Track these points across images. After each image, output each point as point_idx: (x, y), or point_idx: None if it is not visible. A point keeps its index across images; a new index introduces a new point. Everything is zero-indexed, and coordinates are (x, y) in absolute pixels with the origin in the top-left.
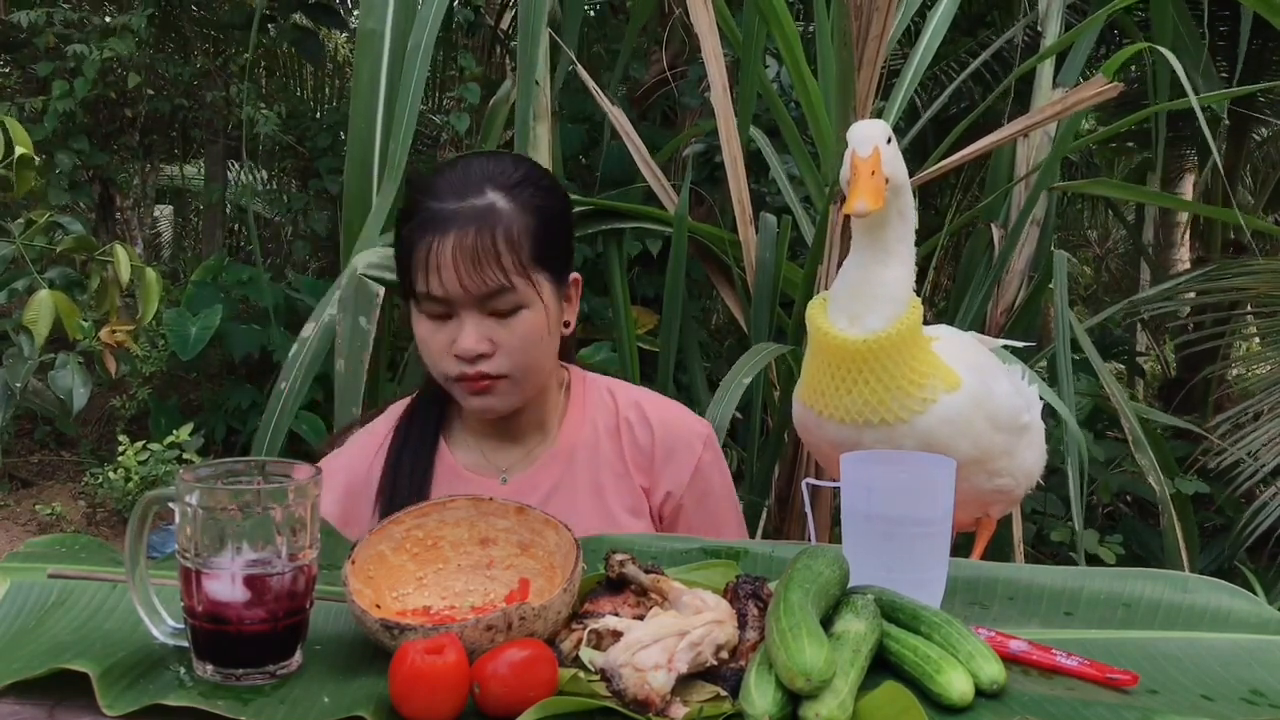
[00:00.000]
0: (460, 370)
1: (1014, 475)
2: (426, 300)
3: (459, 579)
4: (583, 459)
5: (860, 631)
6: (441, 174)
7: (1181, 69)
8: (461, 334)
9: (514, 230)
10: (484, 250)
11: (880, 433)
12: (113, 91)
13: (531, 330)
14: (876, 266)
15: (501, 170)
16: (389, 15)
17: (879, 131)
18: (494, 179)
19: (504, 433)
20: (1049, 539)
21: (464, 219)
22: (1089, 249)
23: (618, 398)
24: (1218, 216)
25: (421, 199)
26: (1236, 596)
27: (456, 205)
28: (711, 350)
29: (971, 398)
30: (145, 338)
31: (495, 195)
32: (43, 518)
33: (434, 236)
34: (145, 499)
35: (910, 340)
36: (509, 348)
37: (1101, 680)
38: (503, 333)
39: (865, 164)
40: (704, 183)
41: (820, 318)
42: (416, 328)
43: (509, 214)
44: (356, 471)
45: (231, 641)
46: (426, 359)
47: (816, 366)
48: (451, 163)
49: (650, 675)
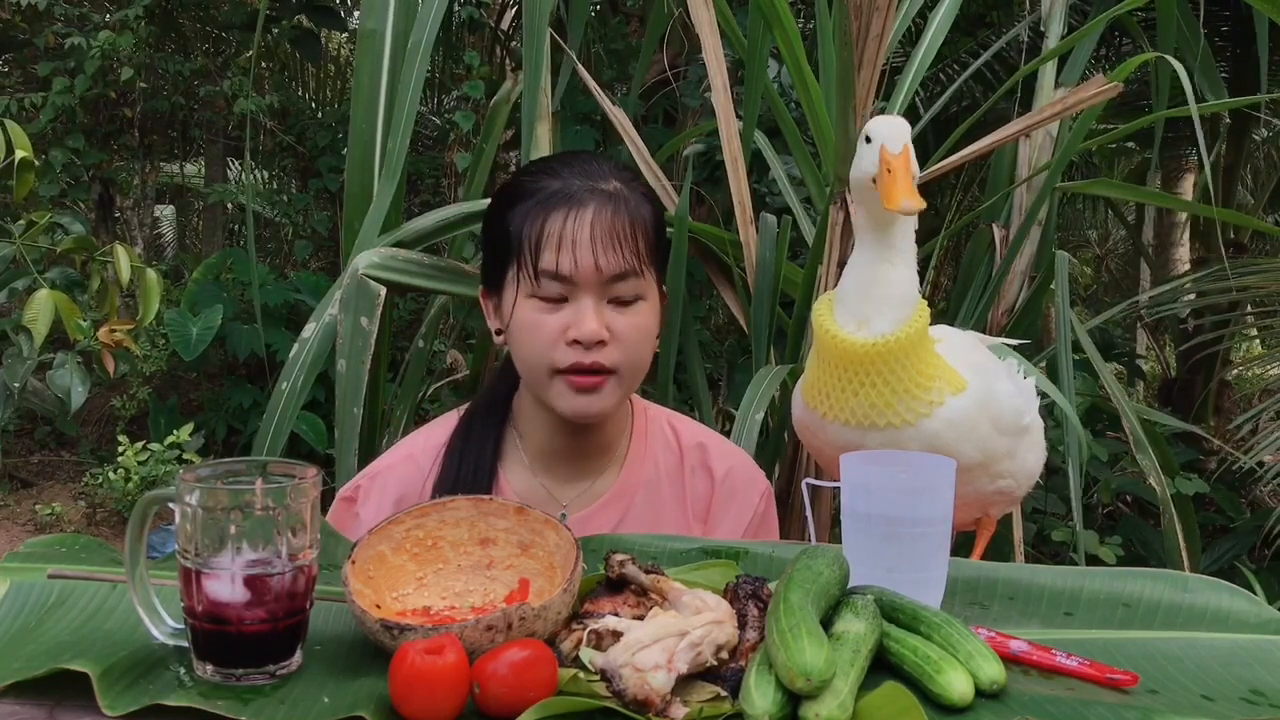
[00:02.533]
0: (573, 360)
1: (1015, 476)
2: (549, 279)
3: (459, 579)
4: (642, 501)
5: (860, 631)
6: (553, 159)
7: (1186, 75)
8: (583, 317)
9: (642, 218)
10: (622, 230)
11: (885, 435)
12: (112, 91)
13: (646, 324)
14: (884, 266)
15: (615, 165)
16: (389, 15)
17: (907, 128)
18: (615, 169)
19: (568, 459)
20: (1049, 539)
21: (601, 197)
22: (1089, 249)
23: (681, 436)
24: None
25: (539, 178)
26: (1236, 596)
27: (589, 184)
28: (712, 350)
29: (976, 401)
30: (146, 337)
31: (619, 184)
32: (42, 518)
33: (569, 210)
34: (145, 499)
35: (917, 343)
36: (625, 340)
37: (1102, 680)
38: (621, 322)
39: (900, 160)
40: (704, 183)
41: (827, 319)
42: (523, 315)
43: (636, 202)
44: (412, 481)
45: (231, 642)
46: (528, 351)
47: (821, 368)
48: (551, 156)
49: (650, 675)
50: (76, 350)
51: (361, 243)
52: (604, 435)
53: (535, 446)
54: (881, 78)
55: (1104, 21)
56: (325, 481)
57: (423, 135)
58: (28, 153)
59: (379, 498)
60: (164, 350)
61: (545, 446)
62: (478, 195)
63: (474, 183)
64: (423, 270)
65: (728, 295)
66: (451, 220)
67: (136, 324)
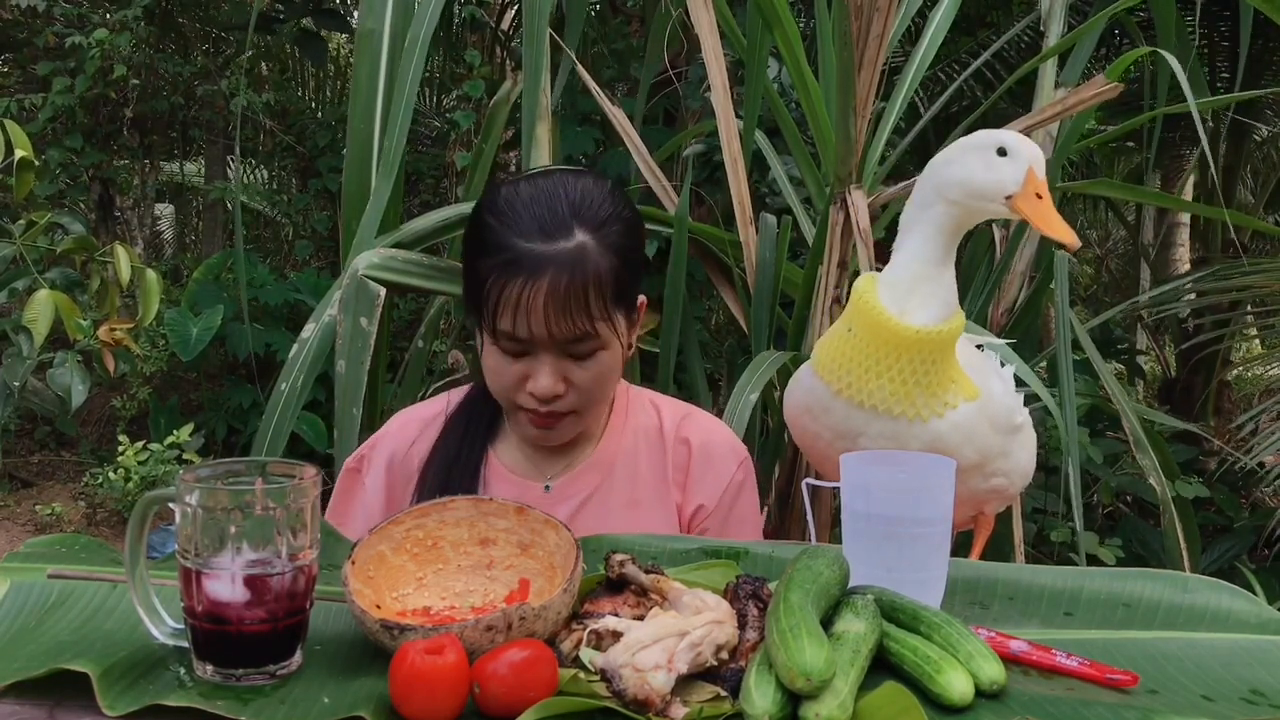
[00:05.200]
0: (532, 406)
1: (1009, 475)
2: (505, 339)
3: (459, 579)
4: (621, 470)
5: (860, 631)
6: (519, 199)
7: (1182, 71)
8: (539, 375)
9: (601, 275)
10: (575, 299)
11: (890, 426)
12: (112, 91)
13: (607, 369)
14: (938, 267)
15: (587, 201)
16: (388, 15)
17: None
18: (580, 214)
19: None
20: (1050, 539)
21: (557, 265)
22: (1089, 249)
23: (663, 412)
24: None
25: (505, 235)
26: (1236, 596)
27: (547, 248)
28: (712, 350)
29: (979, 405)
30: (146, 337)
31: (583, 235)
32: (43, 518)
33: (524, 279)
34: (145, 499)
35: (950, 345)
36: (583, 387)
37: (1101, 680)
38: (579, 373)
39: (1046, 187)
40: (704, 183)
41: (871, 296)
42: (487, 357)
43: (597, 257)
44: (399, 445)
45: (231, 642)
46: (493, 386)
47: (850, 342)
48: (530, 182)
49: (650, 676)
50: (76, 349)
51: (359, 242)
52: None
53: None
54: (882, 78)
55: (1104, 19)
56: (325, 481)
57: (423, 135)
58: (27, 152)
59: (375, 462)
60: (164, 351)
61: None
62: (477, 196)
63: (474, 183)
64: (422, 271)
65: (728, 295)
66: (451, 221)
67: (136, 324)
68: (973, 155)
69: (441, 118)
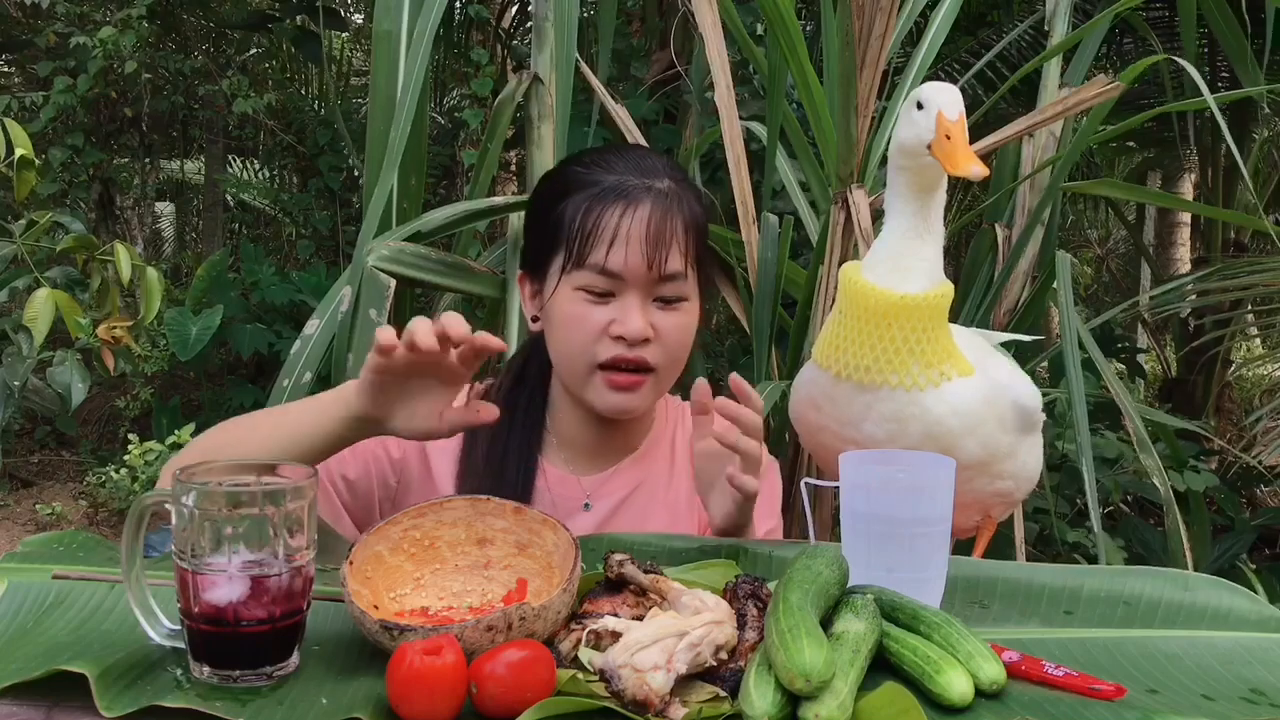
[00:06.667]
0: (616, 354)
1: (1015, 478)
2: (597, 274)
3: (456, 579)
4: (658, 473)
5: (860, 631)
6: (608, 151)
7: (1201, 80)
8: (629, 315)
9: (692, 219)
10: (673, 232)
11: (892, 401)
12: (114, 90)
13: (687, 325)
14: (915, 241)
15: (668, 162)
16: (404, 16)
17: (959, 95)
18: (668, 167)
19: (594, 451)
20: (1051, 539)
21: (656, 196)
22: (1090, 249)
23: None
24: (1217, 216)
25: (598, 174)
26: (1237, 595)
27: (644, 182)
28: (713, 350)
29: (983, 395)
30: (147, 337)
31: (672, 182)
32: (43, 518)
33: (623, 207)
34: (141, 500)
35: (939, 314)
36: (667, 340)
37: (1086, 692)
38: (665, 322)
39: (959, 126)
40: (706, 183)
41: (856, 275)
42: (565, 306)
43: (688, 203)
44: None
45: (228, 643)
46: (568, 344)
47: (841, 322)
48: (603, 147)
49: (649, 676)
50: (76, 348)
51: (365, 233)
52: (632, 434)
53: (563, 437)
54: (883, 78)
55: (1109, 17)
56: None
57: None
58: (28, 152)
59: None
60: (165, 350)
61: (574, 439)
62: (483, 193)
63: (479, 181)
64: (430, 265)
65: (729, 295)
66: (458, 217)
67: (136, 323)
68: (901, 117)
69: (445, 115)
